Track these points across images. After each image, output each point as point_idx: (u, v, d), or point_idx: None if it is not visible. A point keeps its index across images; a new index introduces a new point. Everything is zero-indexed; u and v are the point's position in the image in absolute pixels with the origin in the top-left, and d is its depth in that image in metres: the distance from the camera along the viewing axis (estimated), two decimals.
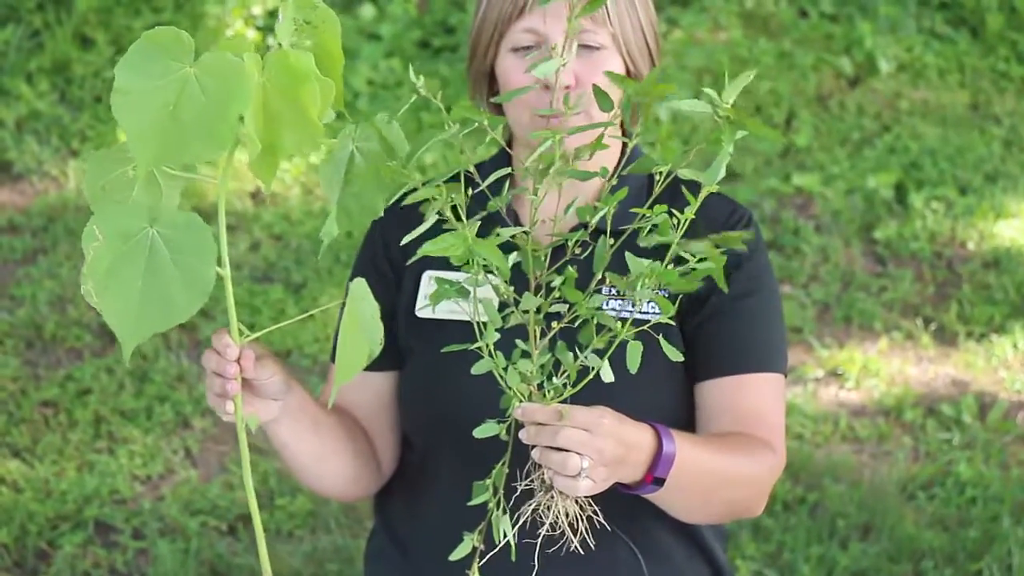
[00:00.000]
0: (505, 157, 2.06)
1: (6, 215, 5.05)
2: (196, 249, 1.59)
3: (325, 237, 1.74)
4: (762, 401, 2.02)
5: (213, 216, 1.66)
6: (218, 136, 1.57)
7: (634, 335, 1.72)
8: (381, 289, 2.07)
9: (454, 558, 1.80)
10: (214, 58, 1.56)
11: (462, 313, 1.79)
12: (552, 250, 1.84)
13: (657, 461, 1.80)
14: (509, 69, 1.99)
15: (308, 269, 4.78)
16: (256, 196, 5.13)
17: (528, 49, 1.97)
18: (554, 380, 1.74)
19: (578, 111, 1.92)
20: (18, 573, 3.71)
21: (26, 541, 3.76)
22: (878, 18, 6.17)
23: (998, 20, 6.16)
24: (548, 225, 1.88)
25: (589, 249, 1.83)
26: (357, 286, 1.72)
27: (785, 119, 5.68)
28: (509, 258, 1.74)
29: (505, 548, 1.77)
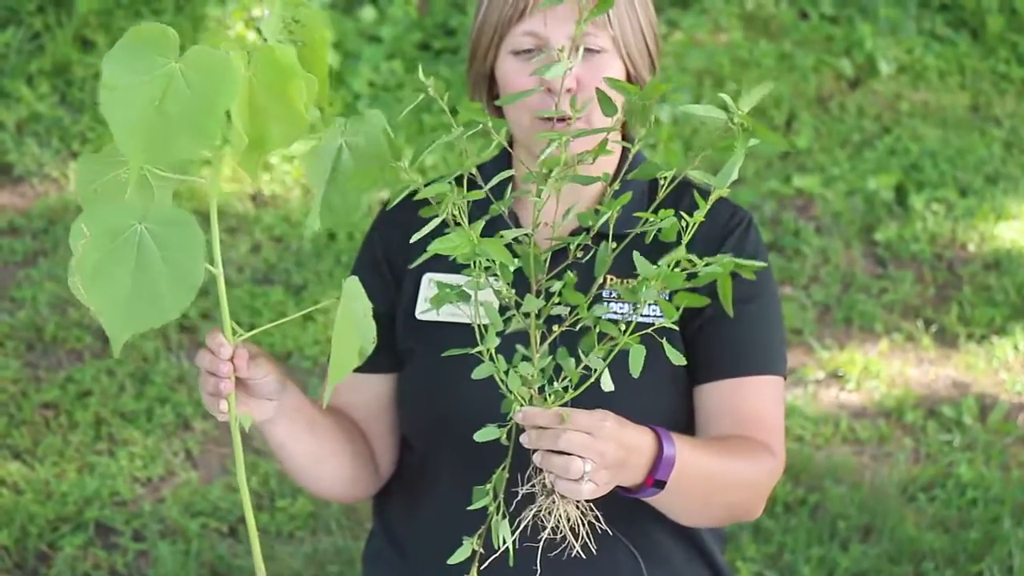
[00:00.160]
0: (506, 159, 2.05)
1: (7, 217, 5.05)
2: (185, 246, 1.59)
3: (308, 229, 1.74)
4: (762, 404, 2.02)
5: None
6: (205, 130, 1.56)
7: (636, 339, 1.71)
8: (381, 291, 2.07)
9: (453, 562, 1.79)
10: (200, 53, 1.56)
11: (462, 316, 1.79)
12: (553, 253, 1.84)
13: (658, 464, 1.80)
14: (509, 72, 1.99)
15: (309, 271, 4.78)
16: (256, 198, 5.13)
17: (528, 52, 1.97)
18: (555, 384, 1.74)
19: (581, 114, 1.92)
20: (19, 575, 3.71)
21: (27, 543, 3.76)
22: (878, 20, 6.17)
23: (998, 22, 6.16)
24: (549, 228, 1.88)
25: (591, 253, 1.83)
26: (351, 285, 1.72)
27: (786, 121, 5.68)
28: (510, 267, 1.74)
29: (504, 552, 1.77)
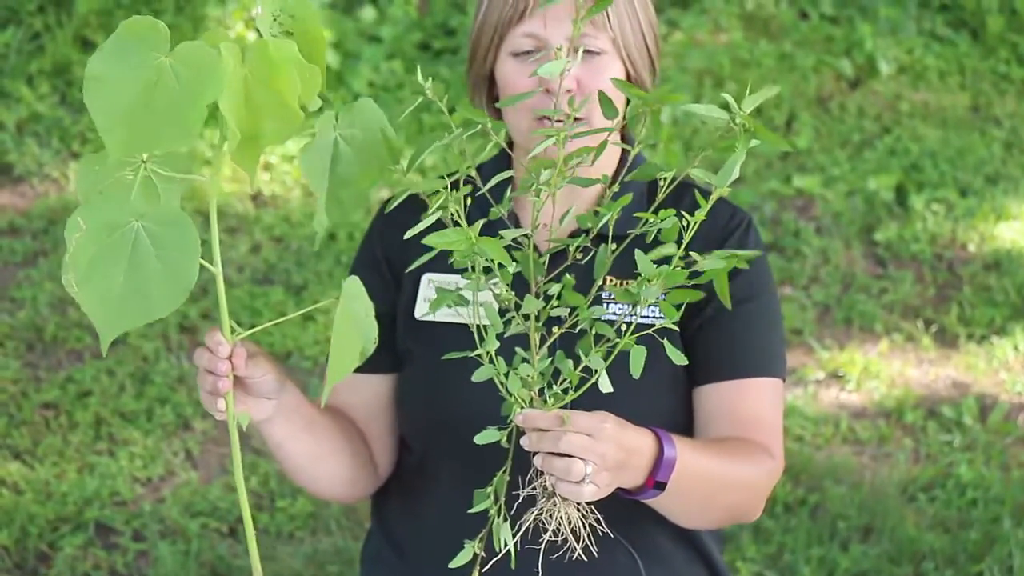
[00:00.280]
0: (505, 162, 2.05)
1: (7, 217, 5.05)
2: (180, 246, 1.58)
3: (318, 228, 1.74)
4: (761, 406, 2.02)
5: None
6: (188, 125, 1.56)
7: (636, 339, 1.71)
8: (380, 291, 2.07)
9: (454, 565, 1.79)
10: (190, 48, 1.56)
11: (462, 316, 1.79)
12: (553, 255, 1.83)
13: (658, 466, 1.80)
14: (509, 73, 1.99)
15: (309, 271, 4.78)
16: (257, 198, 5.13)
17: (528, 54, 1.97)
18: (554, 387, 1.74)
19: (581, 115, 1.92)
20: (19, 575, 3.71)
21: (27, 543, 3.76)
22: (878, 20, 6.17)
23: (998, 22, 6.16)
24: (548, 230, 1.87)
25: (591, 254, 1.82)
26: (351, 284, 1.71)
27: (786, 121, 5.68)
28: (509, 269, 1.74)
29: (505, 554, 1.77)
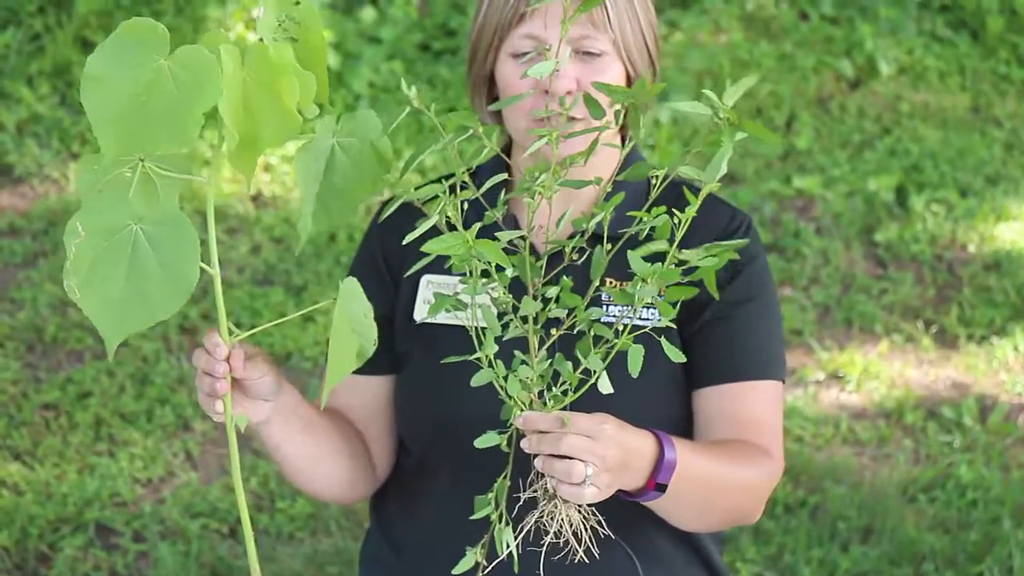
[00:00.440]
0: (504, 161, 2.05)
1: (7, 218, 5.05)
2: (179, 247, 1.58)
3: (302, 232, 1.73)
4: (761, 408, 2.02)
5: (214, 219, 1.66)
6: (184, 129, 1.56)
7: (634, 339, 1.71)
8: (379, 293, 2.07)
9: (457, 572, 1.79)
10: (188, 52, 1.56)
11: (461, 319, 1.79)
12: (550, 257, 1.83)
13: (659, 467, 1.80)
14: (509, 75, 1.99)
15: (309, 272, 4.78)
16: (257, 199, 5.13)
17: (528, 55, 1.97)
18: (554, 390, 1.74)
19: (574, 114, 1.92)
20: None
21: (27, 544, 3.76)
22: (879, 20, 6.17)
23: (999, 23, 6.16)
24: (545, 231, 1.87)
25: (587, 254, 1.82)
26: (349, 285, 1.71)
27: (786, 121, 5.68)
28: (507, 272, 1.73)
29: (507, 558, 1.76)
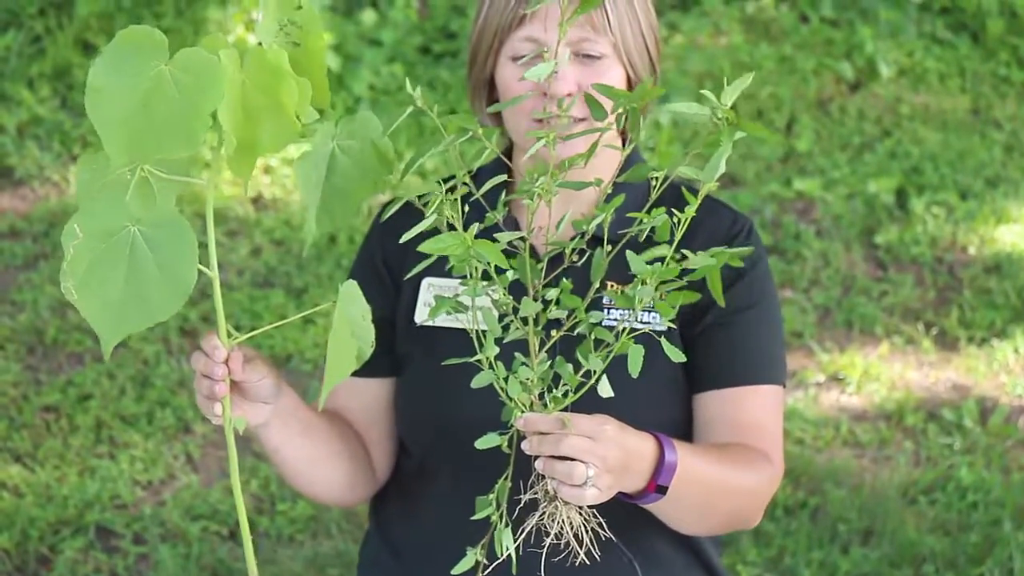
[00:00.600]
0: (504, 166, 2.05)
1: (7, 220, 5.05)
2: (177, 249, 1.58)
3: (307, 236, 1.74)
4: (762, 413, 2.01)
5: (213, 220, 1.66)
6: (190, 132, 1.56)
7: (634, 340, 1.71)
8: (379, 295, 2.07)
9: (456, 572, 1.79)
10: (189, 55, 1.56)
11: (462, 321, 1.79)
12: (551, 259, 1.83)
13: (659, 469, 1.80)
14: (509, 78, 1.99)
15: (309, 274, 4.78)
16: (257, 202, 5.13)
17: (527, 58, 1.97)
18: (554, 391, 1.74)
19: (576, 114, 1.92)
20: None
21: (27, 546, 3.76)
22: (879, 23, 6.17)
23: (999, 25, 6.16)
24: (546, 233, 1.87)
25: (587, 256, 1.82)
26: (348, 288, 1.71)
27: (786, 124, 5.68)
28: (507, 273, 1.73)
29: (506, 560, 1.76)
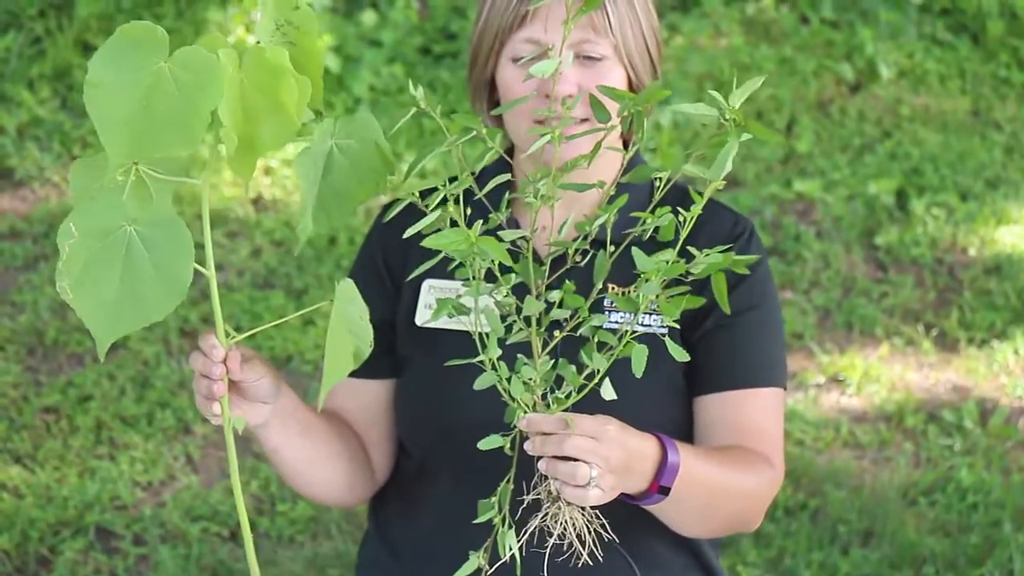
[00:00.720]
0: (506, 165, 2.05)
1: (7, 221, 5.05)
2: (173, 248, 1.58)
3: (301, 233, 1.74)
4: (762, 416, 2.01)
5: (213, 221, 1.66)
6: (190, 130, 1.55)
7: (637, 340, 1.71)
8: (380, 296, 2.06)
9: (460, 575, 1.79)
10: (189, 52, 1.56)
11: (462, 323, 1.78)
12: (553, 260, 1.83)
13: (662, 470, 1.79)
14: (509, 79, 1.99)
15: (309, 275, 4.78)
16: (257, 203, 5.13)
17: (529, 60, 1.97)
18: (556, 392, 1.73)
19: (579, 115, 1.92)
20: None
21: (27, 547, 3.76)
22: (879, 24, 6.17)
23: (999, 26, 6.16)
24: (548, 232, 1.87)
25: (590, 256, 1.82)
26: (345, 287, 1.71)
27: (786, 125, 5.68)
28: (510, 273, 1.73)
29: (508, 561, 1.76)
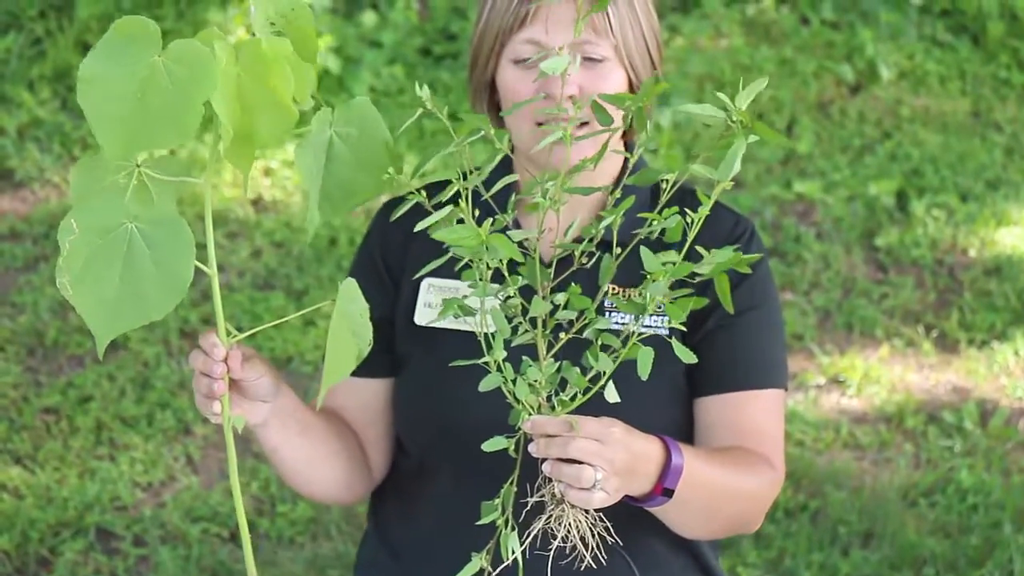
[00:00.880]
0: (507, 167, 2.05)
1: (8, 222, 5.05)
2: (174, 246, 1.58)
3: (309, 225, 1.73)
4: (763, 417, 2.01)
5: (213, 222, 1.65)
6: (184, 124, 1.55)
7: (642, 342, 1.70)
8: (379, 295, 2.06)
9: None
10: (182, 46, 1.55)
11: (463, 323, 1.78)
12: (557, 262, 1.83)
13: (666, 472, 1.79)
14: (510, 80, 1.98)
15: (310, 276, 4.78)
16: (257, 203, 5.13)
17: (529, 60, 1.96)
18: (561, 395, 1.73)
19: (583, 118, 1.92)
20: None
21: (27, 548, 3.76)
22: (879, 25, 6.17)
23: (999, 27, 6.16)
24: (552, 234, 1.87)
25: (595, 258, 1.82)
26: (347, 287, 1.70)
27: (786, 126, 5.68)
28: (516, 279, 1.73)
29: (511, 564, 1.75)
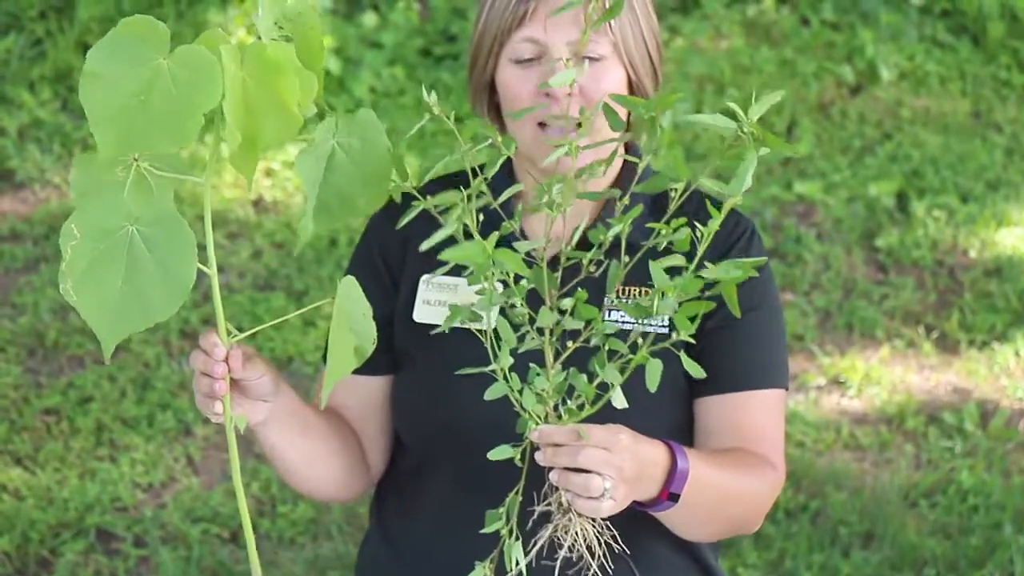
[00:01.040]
0: (509, 168, 2.04)
1: (8, 223, 5.06)
2: (176, 248, 1.58)
3: (301, 233, 1.73)
4: (764, 418, 2.01)
5: (213, 223, 1.65)
6: (183, 129, 1.55)
7: (649, 352, 1.69)
8: (378, 292, 2.05)
9: None
10: (189, 51, 1.55)
11: (464, 321, 1.78)
12: (564, 268, 1.82)
13: (672, 477, 1.79)
14: (509, 80, 1.98)
15: (310, 277, 4.78)
16: (258, 204, 5.13)
17: (529, 61, 1.96)
18: (569, 403, 1.72)
19: (577, 118, 1.91)
20: None
21: (28, 549, 3.76)
22: (880, 26, 6.17)
23: (999, 28, 6.16)
24: (556, 241, 1.86)
25: (603, 267, 1.81)
26: (347, 285, 1.70)
27: (787, 127, 5.68)
28: (523, 283, 1.72)
29: (512, 573, 1.75)
